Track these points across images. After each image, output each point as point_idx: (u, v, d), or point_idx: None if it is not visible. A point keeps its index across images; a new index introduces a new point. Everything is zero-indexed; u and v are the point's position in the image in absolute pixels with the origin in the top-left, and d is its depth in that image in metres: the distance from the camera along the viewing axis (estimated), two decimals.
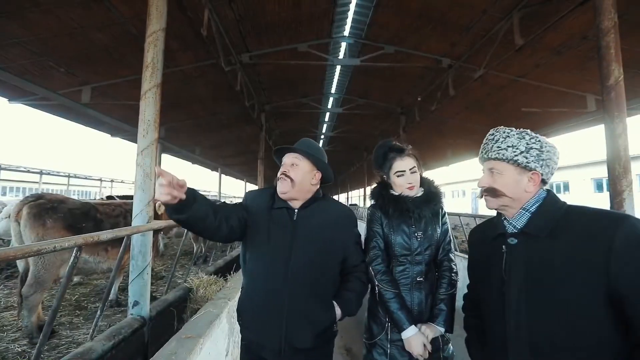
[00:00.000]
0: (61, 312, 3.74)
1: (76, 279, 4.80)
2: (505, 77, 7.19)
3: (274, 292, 1.32)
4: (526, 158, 1.01)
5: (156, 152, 2.88)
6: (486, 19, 5.72)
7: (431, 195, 1.58)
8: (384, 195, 1.59)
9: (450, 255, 1.61)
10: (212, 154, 16.34)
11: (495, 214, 1.14)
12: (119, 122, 8.71)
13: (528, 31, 5.18)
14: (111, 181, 21.90)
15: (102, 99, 7.38)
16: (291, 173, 1.39)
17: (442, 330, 1.47)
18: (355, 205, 28.20)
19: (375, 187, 1.68)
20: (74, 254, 1.77)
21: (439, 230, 1.58)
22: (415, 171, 1.56)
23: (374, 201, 1.64)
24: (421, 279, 1.52)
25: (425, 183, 1.62)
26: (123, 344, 2.30)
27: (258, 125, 10.92)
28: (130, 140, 10.79)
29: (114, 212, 3.91)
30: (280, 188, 1.40)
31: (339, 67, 9.60)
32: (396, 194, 1.57)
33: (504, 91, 7.88)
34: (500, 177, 1.03)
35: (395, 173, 1.56)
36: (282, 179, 1.39)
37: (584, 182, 21.64)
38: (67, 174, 19.47)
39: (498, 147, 1.04)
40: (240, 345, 1.46)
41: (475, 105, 9.11)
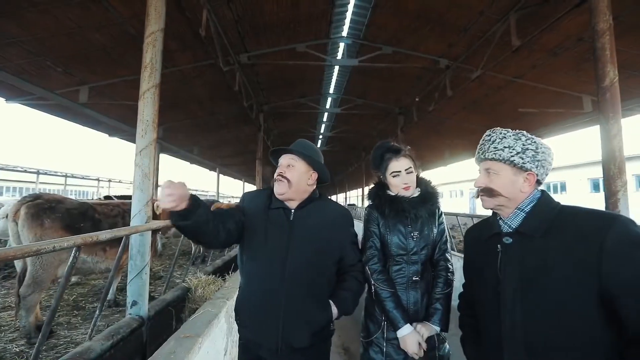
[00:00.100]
0: (59, 312, 3.74)
1: (74, 279, 4.79)
2: (503, 78, 7.23)
3: (271, 291, 1.33)
4: (522, 159, 1.02)
5: (155, 152, 2.89)
6: (483, 20, 5.75)
7: (428, 196, 1.60)
8: (380, 196, 1.61)
9: (447, 255, 1.62)
10: (210, 154, 16.32)
11: (490, 214, 1.16)
12: (116, 122, 8.69)
13: (525, 32, 5.22)
14: (109, 181, 21.83)
15: (100, 99, 7.37)
16: (287, 174, 1.41)
17: (438, 329, 1.48)
18: (354, 205, 28.24)
19: (373, 187, 1.70)
20: (72, 254, 1.78)
21: (435, 230, 1.60)
22: (412, 171, 1.58)
23: (371, 201, 1.66)
24: (417, 278, 1.54)
25: (422, 183, 1.64)
26: (122, 343, 2.31)
27: (256, 125, 10.92)
28: (128, 140, 10.77)
29: (112, 212, 3.91)
30: (277, 189, 1.42)
31: (337, 68, 9.62)
32: (393, 194, 1.59)
33: (501, 92, 7.92)
34: (496, 177, 1.05)
35: (391, 173, 1.57)
36: (279, 180, 1.41)
37: (580, 182, 21.76)
38: (64, 174, 19.39)
39: (495, 147, 1.05)
40: (238, 345, 1.48)
41: (472, 106, 9.15)
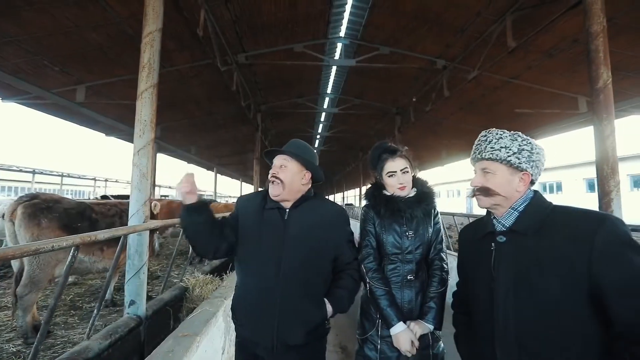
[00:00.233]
0: (56, 313, 3.73)
1: (71, 279, 4.78)
2: (499, 79, 7.28)
3: (266, 290, 1.35)
4: (518, 159, 1.04)
5: (152, 152, 2.89)
6: (480, 21, 5.80)
7: (423, 196, 1.61)
8: (376, 196, 1.63)
9: (442, 254, 1.63)
10: (208, 153, 16.31)
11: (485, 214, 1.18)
12: (113, 121, 8.67)
13: (521, 34, 5.27)
14: (105, 180, 21.70)
15: (97, 98, 7.35)
16: (280, 174, 1.43)
17: (431, 327, 1.50)
18: (351, 204, 28.26)
19: (369, 187, 1.72)
20: (71, 254, 1.78)
21: (430, 230, 1.62)
22: (407, 172, 1.59)
23: (367, 201, 1.68)
24: (411, 277, 1.55)
25: (418, 183, 1.65)
26: (119, 342, 2.31)
27: (254, 125, 10.92)
28: (125, 140, 10.74)
29: (109, 212, 3.91)
30: (272, 192, 1.44)
31: (334, 68, 9.64)
32: (389, 194, 1.61)
33: (497, 92, 7.98)
34: (492, 177, 1.07)
35: (387, 173, 1.59)
36: (273, 181, 1.44)
37: (576, 182, 21.91)
38: (60, 174, 19.24)
39: (492, 147, 1.07)
40: (235, 343, 1.49)
41: (469, 106, 9.20)
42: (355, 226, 1.49)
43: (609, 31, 3.34)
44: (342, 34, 7.66)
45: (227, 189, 43.40)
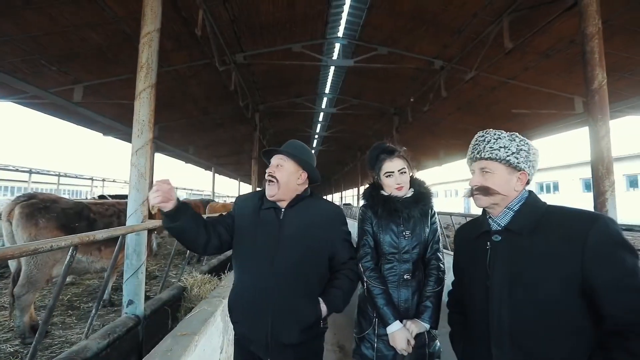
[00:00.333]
0: (54, 312, 3.72)
1: (68, 279, 4.77)
2: (496, 79, 7.32)
3: (260, 289, 1.37)
4: (517, 158, 1.06)
5: (151, 152, 2.90)
6: (477, 22, 5.83)
7: (420, 196, 1.63)
8: (374, 196, 1.64)
9: (438, 254, 1.65)
10: (205, 153, 16.28)
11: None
12: (111, 121, 8.65)
13: (517, 35, 5.30)
14: (102, 180, 21.63)
15: (95, 98, 7.32)
16: (277, 174, 1.45)
17: (427, 326, 1.51)
18: (349, 204, 28.31)
19: (367, 187, 1.73)
20: (70, 253, 1.79)
21: (427, 230, 1.63)
22: (405, 172, 1.61)
23: (365, 201, 1.70)
24: (408, 276, 1.57)
25: (415, 184, 1.67)
26: (118, 342, 2.32)
27: (252, 124, 10.92)
28: (123, 139, 10.71)
29: (107, 212, 3.90)
30: (268, 192, 1.46)
31: (332, 68, 9.65)
32: (386, 194, 1.62)
33: (494, 93, 8.02)
34: (491, 177, 1.08)
35: (385, 174, 1.61)
36: (269, 181, 1.46)
37: (573, 182, 22.04)
38: (57, 173, 19.15)
39: (491, 147, 1.09)
40: (234, 340, 1.51)
41: (467, 106, 9.25)
42: (353, 226, 1.50)
43: (604, 32, 3.37)
44: (340, 34, 7.68)
45: (225, 189, 43.37)
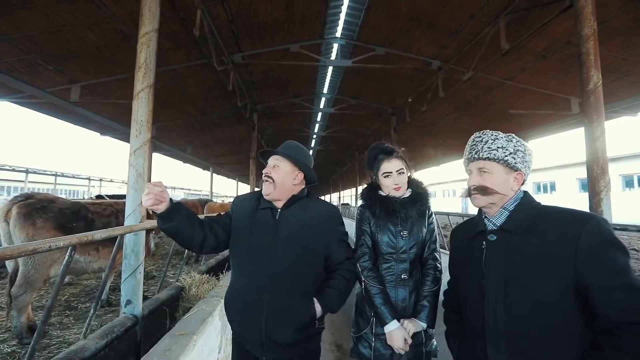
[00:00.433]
0: (51, 313, 3.71)
1: (66, 279, 4.75)
2: (493, 80, 7.36)
3: (255, 288, 1.38)
4: (514, 159, 1.08)
5: (149, 152, 2.90)
6: (474, 23, 5.86)
7: (418, 196, 1.64)
8: (372, 196, 1.65)
9: (435, 254, 1.66)
10: (203, 153, 16.25)
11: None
12: (109, 120, 8.62)
13: (514, 36, 5.34)
14: (100, 180, 21.52)
15: (92, 98, 7.30)
16: (273, 174, 1.47)
17: (425, 325, 1.52)
18: (347, 204, 28.32)
19: (365, 187, 1.74)
20: (68, 253, 1.79)
21: (424, 230, 1.65)
22: (403, 172, 1.62)
23: (363, 201, 1.71)
24: (406, 276, 1.58)
25: (413, 184, 1.68)
26: (116, 342, 2.32)
27: (250, 124, 10.91)
28: (120, 139, 10.67)
29: (105, 212, 3.90)
30: (264, 190, 1.48)
31: (330, 68, 9.67)
32: (384, 194, 1.63)
33: (492, 93, 8.06)
34: (490, 176, 1.10)
35: (383, 174, 1.62)
36: (265, 180, 1.48)
37: (569, 182, 22.17)
38: (54, 173, 19.05)
39: (489, 147, 1.10)
40: (232, 339, 1.52)
41: (464, 107, 9.29)
42: (351, 226, 1.51)
43: (600, 34, 3.40)
44: (338, 34, 7.69)
45: (223, 189, 43.28)
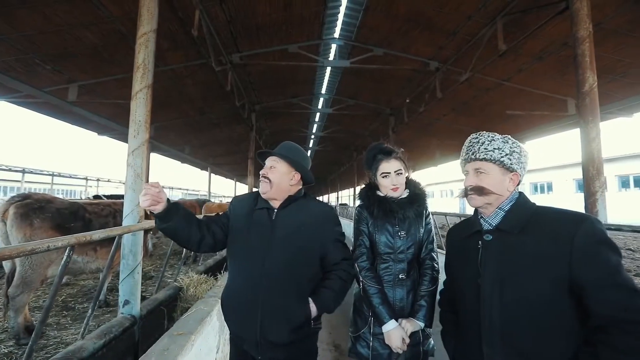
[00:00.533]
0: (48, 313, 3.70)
1: (63, 279, 4.73)
2: (491, 81, 7.40)
3: (251, 287, 1.40)
4: (510, 160, 1.10)
5: (147, 153, 2.90)
6: (471, 25, 5.89)
7: (415, 197, 1.65)
8: (370, 196, 1.66)
9: (433, 254, 1.67)
10: (202, 153, 16.22)
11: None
12: (106, 120, 8.60)
13: (511, 37, 5.37)
14: (97, 180, 21.40)
15: (90, 97, 7.28)
16: (269, 175, 1.49)
17: (422, 325, 1.54)
18: (345, 204, 28.34)
19: (363, 188, 1.75)
20: (66, 254, 1.79)
21: (422, 230, 1.66)
22: (401, 173, 1.63)
23: (361, 201, 1.72)
24: (403, 276, 1.60)
25: (410, 185, 1.69)
26: (114, 342, 2.32)
27: (248, 124, 10.91)
28: (118, 139, 10.64)
29: (103, 212, 3.89)
30: (261, 189, 1.51)
31: (329, 68, 9.68)
32: (382, 195, 1.64)
33: (489, 94, 8.10)
34: (486, 177, 1.12)
35: (381, 174, 1.63)
36: (262, 180, 1.50)
37: (566, 183, 22.29)
38: (51, 173, 18.93)
39: (485, 148, 1.12)
40: (229, 338, 1.53)
41: (461, 107, 9.33)
42: (349, 226, 1.52)
43: (596, 36, 3.43)
44: (336, 35, 7.70)
45: (221, 189, 43.22)
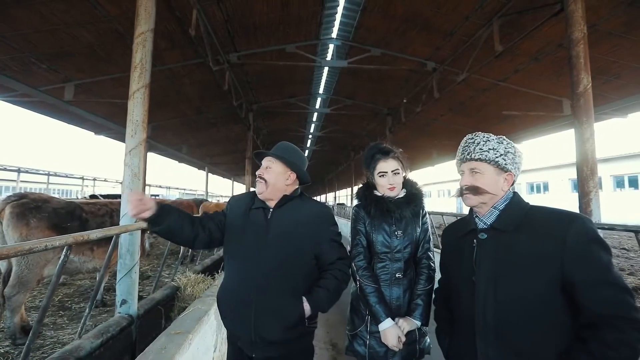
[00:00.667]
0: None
1: (60, 279, 4.72)
2: (487, 81, 7.44)
3: (245, 285, 1.41)
4: (504, 160, 1.12)
5: (144, 152, 2.90)
6: (468, 25, 5.92)
7: (412, 197, 1.67)
8: (367, 196, 1.68)
9: (429, 253, 1.69)
10: (199, 152, 16.19)
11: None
12: (103, 120, 8.56)
13: (507, 38, 5.41)
14: (93, 179, 21.28)
15: (86, 97, 7.24)
16: (265, 175, 1.50)
17: (419, 323, 1.55)
18: (343, 204, 28.38)
19: (361, 187, 1.77)
20: (64, 253, 1.79)
21: (418, 230, 1.67)
22: (398, 173, 1.65)
23: (358, 201, 1.73)
24: (400, 275, 1.61)
25: (407, 184, 1.70)
26: (111, 342, 2.33)
27: (246, 124, 10.90)
28: (115, 139, 10.60)
29: (99, 212, 3.88)
30: (257, 189, 1.53)
31: (326, 68, 9.68)
32: (379, 194, 1.66)
33: (485, 94, 8.15)
34: (481, 177, 1.14)
35: (379, 173, 1.64)
36: (258, 181, 1.52)
37: (562, 183, 22.45)
38: (46, 172, 18.81)
39: (480, 149, 1.14)
40: (226, 336, 1.55)
41: (458, 108, 9.37)
42: (346, 225, 1.53)
43: (591, 37, 3.47)
44: (334, 35, 7.71)
45: (218, 189, 43.15)
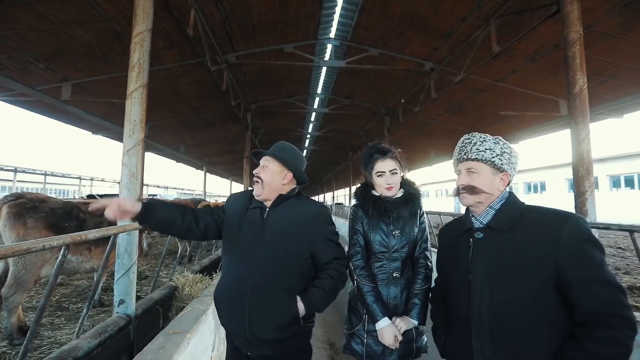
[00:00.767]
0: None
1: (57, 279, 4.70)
2: (485, 81, 7.47)
3: (240, 284, 1.42)
4: (501, 160, 1.14)
5: (142, 152, 2.89)
6: (466, 26, 5.95)
7: (410, 197, 1.68)
8: (365, 196, 1.69)
9: (427, 253, 1.70)
10: (197, 152, 16.15)
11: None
12: (101, 119, 8.53)
13: (504, 38, 5.43)
14: (91, 179, 21.18)
15: (84, 96, 7.22)
16: (261, 174, 1.51)
17: (416, 322, 1.56)
18: (341, 204, 28.41)
19: (359, 187, 1.78)
20: (61, 253, 1.79)
21: (416, 230, 1.68)
22: (396, 173, 1.65)
23: (356, 201, 1.74)
24: (397, 274, 1.62)
25: (405, 184, 1.72)
26: (109, 341, 2.33)
27: (244, 124, 10.89)
28: (112, 138, 10.57)
29: (97, 211, 3.87)
30: (255, 191, 1.53)
31: (324, 68, 9.69)
32: (377, 194, 1.67)
33: (483, 94, 8.18)
34: (477, 177, 1.15)
35: (377, 173, 1.65)
36: (255, 181, 1.52)
37: (559, 182, 22.58)
38: (43, 172, 18.70)
39: (477, 149, 1.15)
40: (225, 335, 1.55)
41: (456, 108, 9.41)
42: (345, 225, 1.53)
43: (587, 38, 3.49)
44: (332, 35, 7.72)
45: (216, 189, 43.07)
